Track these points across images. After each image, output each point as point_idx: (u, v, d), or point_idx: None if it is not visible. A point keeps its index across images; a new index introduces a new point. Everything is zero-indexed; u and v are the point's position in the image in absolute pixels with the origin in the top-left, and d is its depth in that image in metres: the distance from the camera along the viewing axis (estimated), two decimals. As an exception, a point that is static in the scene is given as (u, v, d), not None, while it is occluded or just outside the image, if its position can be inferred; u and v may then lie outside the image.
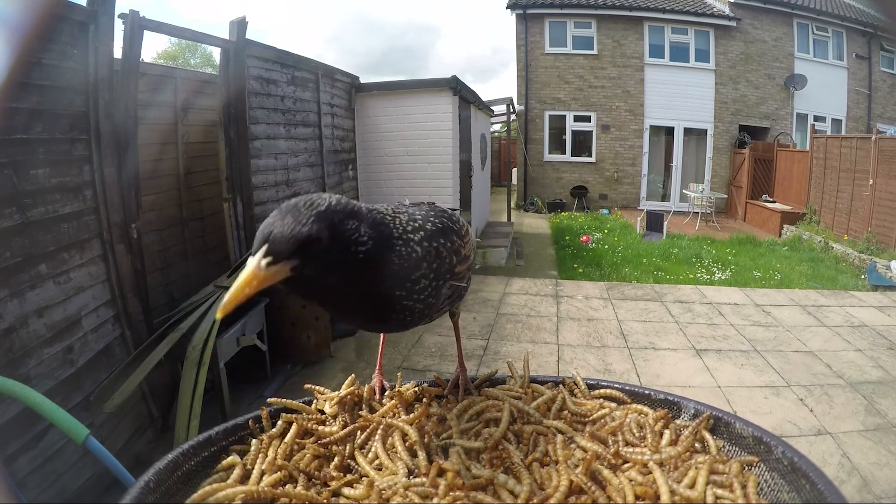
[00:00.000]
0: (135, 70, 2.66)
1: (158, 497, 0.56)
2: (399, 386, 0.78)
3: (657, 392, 0.75)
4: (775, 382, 3.54)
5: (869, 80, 11.56)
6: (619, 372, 3.71)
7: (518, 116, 11.62)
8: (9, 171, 1.95)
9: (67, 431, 1.24)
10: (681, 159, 12.02)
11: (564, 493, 0.54)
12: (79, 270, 2.31)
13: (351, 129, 5.94)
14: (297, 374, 3.61)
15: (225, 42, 3.54)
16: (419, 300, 0.63)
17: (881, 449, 2.76)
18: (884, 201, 6.91)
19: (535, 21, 11.80)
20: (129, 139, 2.58)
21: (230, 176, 3.57)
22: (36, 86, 2.08)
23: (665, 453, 0.60)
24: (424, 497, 0.54)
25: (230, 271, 3.26)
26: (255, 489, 0.56)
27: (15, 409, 1.85)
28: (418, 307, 0.64)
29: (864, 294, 5.63)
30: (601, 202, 12.17)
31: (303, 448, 0.66)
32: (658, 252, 7.51)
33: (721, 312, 4.98)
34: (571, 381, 0.79)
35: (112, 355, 2.49)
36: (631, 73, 11.74)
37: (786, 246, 8.16)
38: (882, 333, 4.43)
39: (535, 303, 5.24)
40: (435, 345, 4.11)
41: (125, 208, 2.56)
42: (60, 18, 2.19)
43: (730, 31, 11.47)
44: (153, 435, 2.74)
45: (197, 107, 3.57)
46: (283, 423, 0.70)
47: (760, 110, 11.79)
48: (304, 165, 4.81)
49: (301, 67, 4.73)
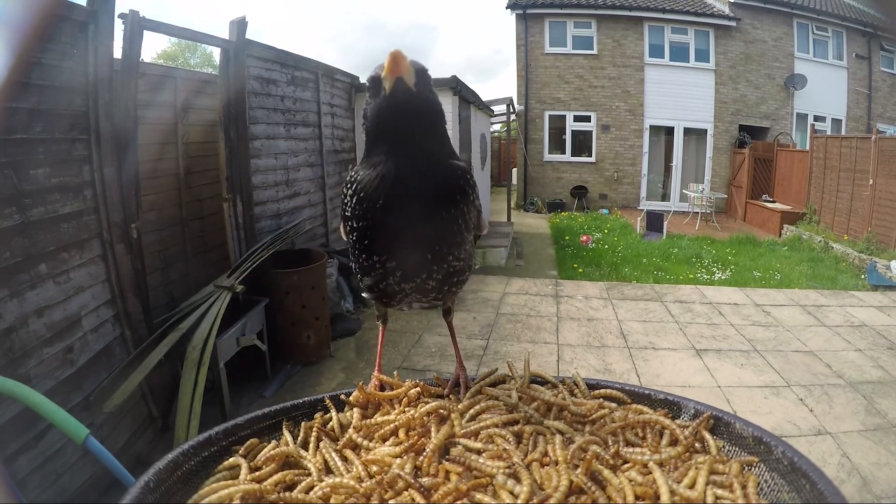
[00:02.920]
0: (135, 70, 2.66)
1: (158, 497, 0.56)
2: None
3: (657, 392, 0.75)
4: (775, 382, 3.54)
5: (869, 80, 11.56)
6: (619, 372, 3.71)
7: (518, 116, 11.62)
8: (9, 171, 1.95)
9: (67, 431, 1.24)
10: (681, 159, 12.02)
11: (564, 493, 0.54)
12: (79, 270, 2.30)
13: (351, 129, 5.94)
14: (297, 374, 3.61)
15: (225, 42, 3.54)
16: (461, 251, 0.69)
17: (881, 449, 2.76)
18: (884, 201, 6.91)
19: (535, 21, 11.80)
20: (129, 139, 2.58)
21: (230, 176, 3.56)
22: (36, 86, 2.08)
23: (665, 453, 0.60)
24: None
25: (230, 271, 3.26)
26: (256, 488, 0.56)
27: (15, 409, 1.85)
28: (456, 264, 0.70)
29: (864, 294, 5.63)
30: (601, 202, 12.17)
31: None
32: (658, 252, 7.51)
33: (721, 312, 4.98)
34: (571, 381, 0.79)
35: (112, 355, 2.48)
36: (631, 73, 11.74)
37: (786, 246, 8.16)
38: (882, 333, 4.43)
39: (535, 303, 5.24)
40: (435, 345, 4.11)
41: (125, 208, 2.55)
42: (60, 18, 2.18)
43: (730, 31, 11.47)
44: (153, 435, 2.74)
45: (197, 107, 3.56)
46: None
47: (760, 110, 11.79)
48: (304, 165, 4.81)
49: (301, 67, 4.72)
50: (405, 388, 0.76)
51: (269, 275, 3.55)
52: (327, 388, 3.41)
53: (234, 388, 3.09)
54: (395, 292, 0.71)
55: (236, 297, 3.07)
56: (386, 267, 0.68)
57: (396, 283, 0.69)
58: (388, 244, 0.67)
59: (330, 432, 0.71)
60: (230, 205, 3.56)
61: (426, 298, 0.73)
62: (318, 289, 3.73)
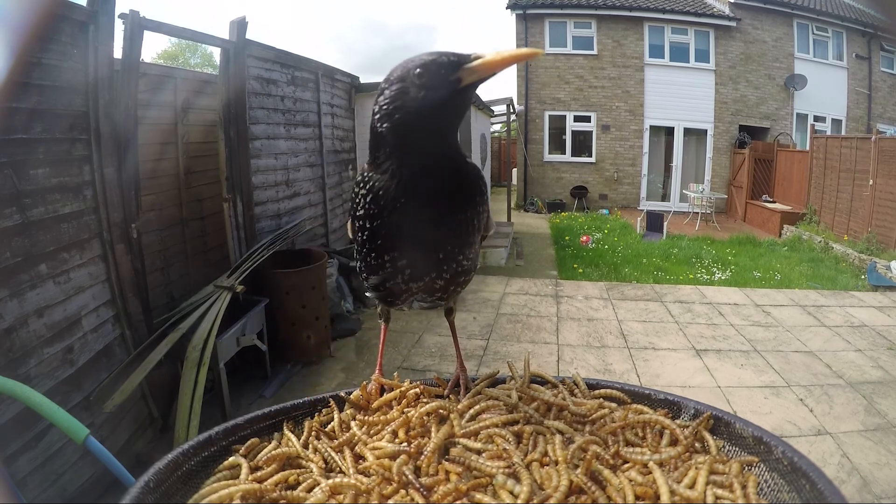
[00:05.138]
0: (135, 70, 2.66)
1: (158, 497, 0.56)
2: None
3: (657, 392, 0.75)
4: (775, 382, 3.54)
5: (869, 80, 11.56)
6: (619, 372, 3.71)
7: (518, 116, 11.62)
8: (9, 171, 1.95)
9: (67, 431, 1.24)
10: (681, 159, 12.02)
11: (564, 493, 0.54)
12: (79, 270, 2.30)
13: (351, 129, 5.94)
14: (297, 374, 3.61)
15: (225, 42, 3.54)
16: (467, 249, 0.68)
17: (881, 449, 2.76)
18: (884, 201, 6.91)
19: (535, 21, 11.80)
20: (129, 139, 2.58)
21: (230, 176, 3.56)
22: (36, 86, 2.08)
23: (665, 453, 0.60)
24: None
25: (230, 271, 3.26)
26: (256, 487, 0.56)
27: (15, 409, 1.85)
28: (464, 263, 0.69)
29: (864, 294, 5.63)
30: (601, 202, 12.17)
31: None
32: (658, 252, 7.51)
33: (721, 312, 4.98)
34: (571, 381, 0.79)
35: (112, 355, 2.48)
36: (631, 74, 11.73)
37: (786, 246, 8.16)
38: (882, 333, 4.43)
39: (535, 303, 5.24)
40: (435, 345, 4.11)
41: (125, 208, 2.55)
42: (60, 18, 2.18)
43: (730, 31, 11.47)
44: (153, 435, 2.74)
45: (197, 107, 3.56)
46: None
47: (760, 110, 11.79)
48: (304, 165, 4.81)
49: (301, 67, 4.72)
50: (405, 389, 0.76)
51: (269, 275, 3.55)
52: (327, 388, 3.41)
53: (234, 388, 3.09)
54: (401, 291, 0.70)
55: (236, 297, 3.07)
56: (396, 266, 0.67)
57: (404, 283, 0.69)
58: (402, 243, 0.66)
59: (330, 432, 0.71)
60: (230, 205, 3.56)
61: (431, 298, 0.73)
62: (318, 289, 3.73)
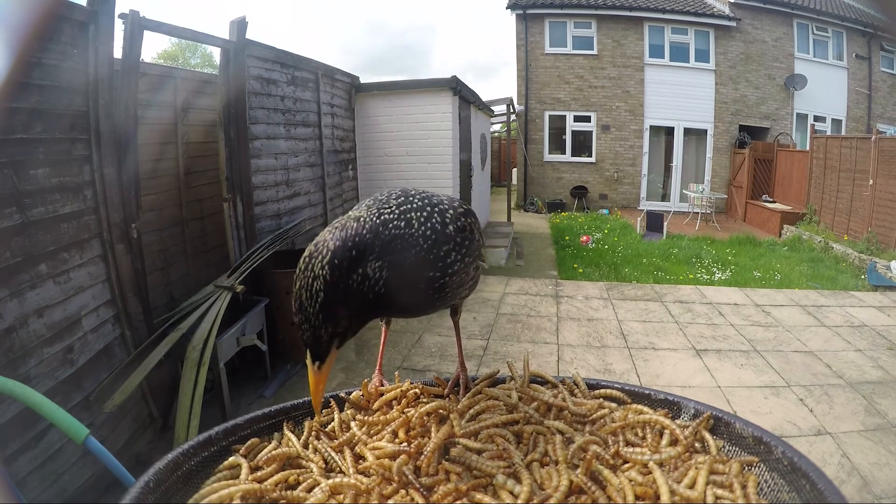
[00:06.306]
0: (135, 70, 2.66)
1: (158, 497, 0.56)
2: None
3: (657, 392, 0.75)
4: (775, 382, 3.54)
5: (869, 80, 11.56)
6: (618, 372, 3.71)
7: (518, 116, 11.62)
8: (9, 171, 1.95)
9: (67, 431, 1.24)
10: (681, 159, 12.02)
11: (564, 493, 0.54)
12: (79, 270, 2.30)
13: (351, 129, 5.94)
14: (297, 374, 3.61)
15: (225, 42, 3.54)
16: (454, 271, 0.65)
17: (881, 449, 2.76)
18: (884, 201, 6.91)
19: (535, 21, 11.80)
20: (129, 139, 2.58)
21: (230, 176, 3.56)
22: (36, 86, 2.08)
23: (665, 453, 0.60)
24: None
25: (230, 271, 3.26)
26: (256, 487, 0.56)
27: (15, 409, 1.85)
28: (453, 280, 0.66)
29: (864, 294, 5.63)
30: (601, 202, 12.17)
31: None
32: (658, 252, 7.51)
33: (721, 312, 4.98)
34: (571, 381, 0.79)
35: (112, 355, 2.49)
36: (631, 74, 11.74)
37: (786, 246, 8.16)
38: (882, 333, 4.43)
39: (535, 303, 5.24)
40: (435, 345, 4.11)
41: (125, 208, 2.55)
42: (60, 18, 2.18)
43: (730, 31, 11.47)
44: (153, 435, 2.74)
45: (197, 107, 3.56)
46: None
47: (760, 110, 11.79)
48: (304, 165, 4.81)
49: (301, 67, 4.72)
50: (405, 389, 0.76)
51: (270, 275, 3.55)
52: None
53: (234, 388, 3.09)
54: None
55: (236, 297, 3.07)
56: (393, 313, 0.75)
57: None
58: (394, 312, 0.72)
59: (330, 432, 0.71)
60: (230, 205, 3.56)
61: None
62: (318, 289, 3.72)
